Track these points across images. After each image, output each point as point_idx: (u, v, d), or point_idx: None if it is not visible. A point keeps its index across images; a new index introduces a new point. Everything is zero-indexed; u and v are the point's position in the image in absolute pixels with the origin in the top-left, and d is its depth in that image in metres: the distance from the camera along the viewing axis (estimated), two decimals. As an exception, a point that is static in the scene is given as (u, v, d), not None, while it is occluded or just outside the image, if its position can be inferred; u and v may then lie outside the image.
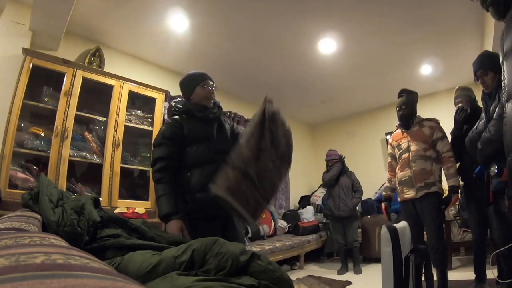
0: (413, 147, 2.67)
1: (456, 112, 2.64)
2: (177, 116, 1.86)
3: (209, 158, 1.77)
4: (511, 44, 1.27)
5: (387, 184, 2.97)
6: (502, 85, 1.48)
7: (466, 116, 2.56)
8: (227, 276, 0.95)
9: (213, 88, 1.94)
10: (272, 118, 1.62)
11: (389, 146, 3.00)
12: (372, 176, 5.15)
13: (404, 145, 2.74)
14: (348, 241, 4.16)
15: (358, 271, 3.96)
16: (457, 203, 3.86)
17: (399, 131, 2.86)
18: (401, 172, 2.72)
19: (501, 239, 2.14)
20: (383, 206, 2.95)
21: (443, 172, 2.65)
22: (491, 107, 1.99)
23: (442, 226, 2.62)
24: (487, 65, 2.08)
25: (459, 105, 2.66)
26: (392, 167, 2.92)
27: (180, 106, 1.89)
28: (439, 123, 2.71)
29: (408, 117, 2.76)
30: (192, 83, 1.92)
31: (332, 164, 4.41)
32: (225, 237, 1.23)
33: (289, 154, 1.68)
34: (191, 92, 1.91)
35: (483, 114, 2.15)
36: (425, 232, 2.66)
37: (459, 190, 2.62)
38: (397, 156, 2.81)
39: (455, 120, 2.65)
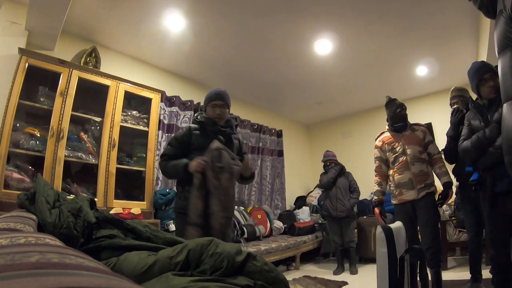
0: (409, 150, 2.71)
1: (452, 113, 2.67)
2: (193, 125, 2.17)
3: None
4: (497, 46, 1.29)
5: (377, 188, 2.90)
6: None
7: (462, 117, 2.58)
8: (223, 277, 0.95)
9: (221, 110, 2.14)
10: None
11: (377, 149, 2.94)
12: (368, 177, 5.12)
13: (399, 148, 2.76)
14: (344, 241, 4.18)
15: (354, 271, 3.97)
16: (452, 203, 3.90)
17: (388, 134, 2.88)
18: (399, 175, 2.73)
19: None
20: (377, 211, 2.84)
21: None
22: (496, 113, 1.96)
23: (438, 225, 2.66)
24: (493, 68, 2.03)
25: (455, 106, 2.69)
26: (381, 171, 2.89)
27: (198, 117, 2.18)
28: (426, 127, 2.85)
29: (406, 119, 2.82)
30: (206, 101, 2.20)
31: (330, 164, 4.44)
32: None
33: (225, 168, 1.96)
34: (205, 108, 2.21)
35: (476, 122, 2.13)
36: (419, 233, 2.69)
37: (455, 190, 2.66)
38: (392, 159, 2.80)
39: (451, 121, 2.67)
